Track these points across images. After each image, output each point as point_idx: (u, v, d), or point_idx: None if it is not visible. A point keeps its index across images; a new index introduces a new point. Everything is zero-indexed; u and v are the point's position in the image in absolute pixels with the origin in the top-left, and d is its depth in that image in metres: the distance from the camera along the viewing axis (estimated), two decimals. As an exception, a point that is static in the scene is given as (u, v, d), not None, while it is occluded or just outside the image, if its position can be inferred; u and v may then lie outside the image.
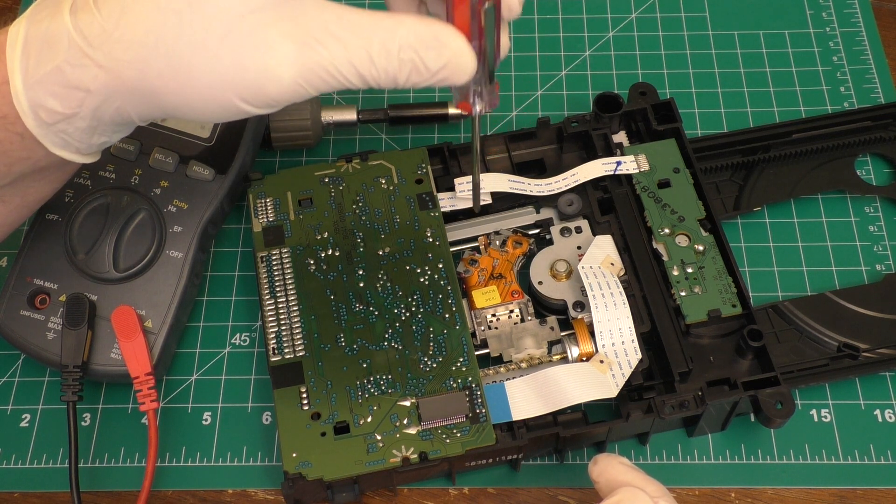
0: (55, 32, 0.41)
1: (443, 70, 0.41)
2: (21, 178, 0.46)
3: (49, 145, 0.43)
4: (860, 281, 0.59)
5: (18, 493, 0.53)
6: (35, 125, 0.42)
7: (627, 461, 0.45)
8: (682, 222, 0.55)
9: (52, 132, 0.43)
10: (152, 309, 0.53)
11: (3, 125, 0.42)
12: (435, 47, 0.40)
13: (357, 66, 0.40)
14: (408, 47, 0.40)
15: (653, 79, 0.66)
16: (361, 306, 0.53)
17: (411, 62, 0.41)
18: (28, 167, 0.45)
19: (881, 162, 0.63)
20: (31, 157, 0.44)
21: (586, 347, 0.52)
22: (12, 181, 0.46)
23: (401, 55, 0.40)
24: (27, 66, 0.41)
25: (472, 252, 0.57)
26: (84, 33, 0.40)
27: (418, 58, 0.40)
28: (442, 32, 0.41)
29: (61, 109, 0.42)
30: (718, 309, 0.52)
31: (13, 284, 0.53)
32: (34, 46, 0.41)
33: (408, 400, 0.50)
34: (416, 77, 0.41)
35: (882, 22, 0.70)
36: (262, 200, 0.57)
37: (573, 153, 0.60)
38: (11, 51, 0.42)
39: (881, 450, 0.53)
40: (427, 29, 0.40)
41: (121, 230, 0.54)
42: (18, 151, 0.43)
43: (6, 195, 0.47)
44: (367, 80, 0.41)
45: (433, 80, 0.41)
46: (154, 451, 0.50)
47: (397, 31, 0.40)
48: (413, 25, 0.40)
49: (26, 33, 0.42)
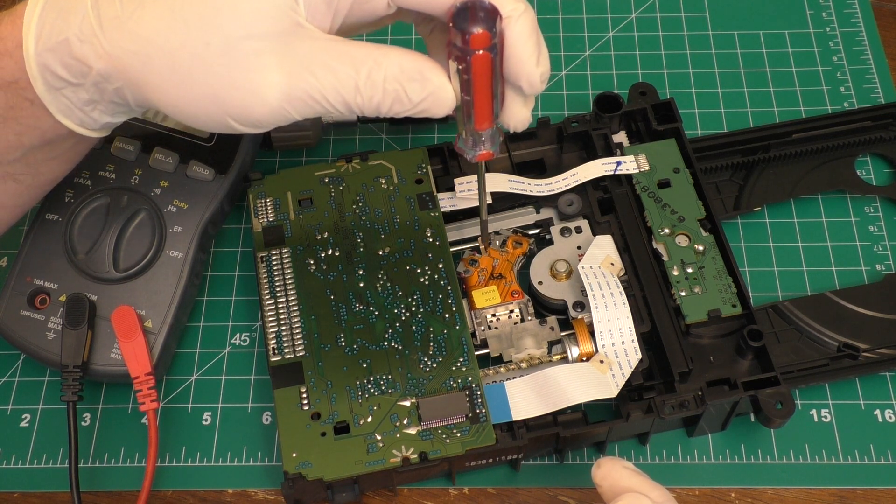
0: (74, 4, 0.43)
1: (424, 102, 0.43)
2: (31, 151, 0.47)
3: (55, 112, 0.45)
4: (860, 281, 0.59)
5: (18, 493, 0.53)
6: (43, 89, 0.44)
7: (631, 465, 0.45)
8: (682, 222, 0.55)
9: (58, 98, 0.44)
10: (152, 309, 0.53)
11: (14, 90, 0.44)
12: (418, 80, 0.43)
13: (343, 94, 0.42)
14: (393, 79, 0.42)
15: (653, 79, 0.66)
16: (361, 306, 0.53)
17: (395, 93, 0.43)
18: (37, 138, 0.46)
19: (881, 162, 0.63)
20: (39, 126, 0.45)
21: (586, 347, 0.52)
22: (23, 155, 0.47)
23: (386, 85, 0.42)
24: (41, 33, 0.43)
25: (472, 252, 0.57)
26: (100, 13, 0.42)
27: (402, 89, 0.43)
28: (426, 67, 0.43)
29: (67, 77, 0.43)
30: (718, 309, 0.52)
31: (13, 284, 0.53)
32: (51, 14, 0.43)
33: (408, 400, 0.50)
34: (398, 107, 0.43)
35: (882, 22, 0.70)
36: (262, 200, 0.57)
37: (573, 153, 0.60)
38: (29, 16, 0.43)
39: (881, 450, 0.53)
40: (412, 62, 0.43)
41: (121, 230, 0.54)
42: (28, 119, 0.45)
43: (19, 173, 0.48)
44: (351, 107, 0.43)
45: (414, 111, 0.44)
46: (154, 451, 0.50)
47: (384, 63, 0.42)
48: (399, 58, 0.42)
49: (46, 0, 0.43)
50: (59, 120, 0.45)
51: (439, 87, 0.43)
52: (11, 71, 0.43)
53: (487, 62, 0.42)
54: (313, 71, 0.42)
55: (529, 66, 0.43)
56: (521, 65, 0.43)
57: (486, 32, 0.41)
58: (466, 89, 0.43)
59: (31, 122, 0.45)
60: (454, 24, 0.41)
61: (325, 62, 0.42)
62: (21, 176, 0.48)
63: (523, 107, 0.46)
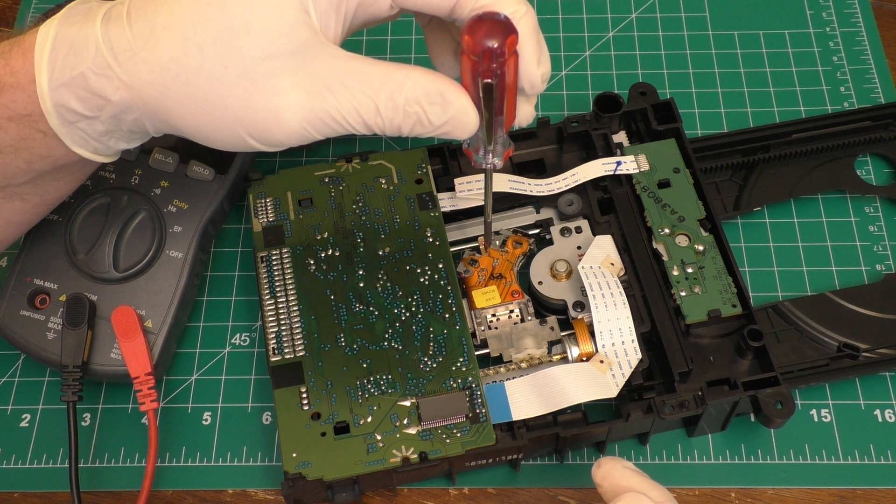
0: (84, 38, 0.42)
1: (445, 125, 0.43)
2: (41, 175, 0.46)
3: (70, 144, 0.44)
4: (860, 281, 0.59)
5: (18, 493, 0.53)
6: (58, 124, 0.43)
7: (631, 465, 0.45)
8: (682, 222, 0.55)
9: (73, 131, 0.44)
10: (152, 309, 0.53)
11: (27, 122, 0.43)
12: (440, 103, 0.42)
13: (363, 115, 0.42)
14: (414, 101, 0.42)
15: (653, 79, 0.66)
16: (361, 306, 0.53)
17: (416, 115, 0.42)
18: (48, 165, 0.45)
19: (881, 162, 0.63)
20: (51, 156, 0.45)
21: (586, 347, 0.52)
22: (32, 179, 0.46)
23: (406, 108, 0.42)
24: (54, 68, 0.42)
25: (472, 252, 0.57)
26: (112, 45, 0.42)
27: (423, 112, 0.42)
28: (447, 90, 0.42)
29: (83, 111, 0.43)
30: (718, 309, 0.52)
31: (13, 284, 0.53)
32: (62, 49, 0.42)
33: (408, 400, 0.50)
34: (419, 129, 0.43)
35: (882, 22, 0.70)
36: (262, 200, 0.57)
37: (573, 153, 0.60)
38: (40, 51, 0.42)
39: (881, 450, 0.53)
40: (434, 84, 0.42)
41: (121, 230, 0.54)
42: (40, 149, 0.44)
43: (26, 193, 0.48)
44: (371, 128, 0.43)
45: (436, 134, 0.43)
46: (154, 451, 0.50)
47: (405, 85, 0.42)
48: (420, 80, 0.42)
49: (56, 34, 0.42)
50: (72, 150, 0.45)
51: (461, 111, 0.42)
52: (24, 105, 0.43)
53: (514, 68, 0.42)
54: (333, 91, 0.41)
55: (531, 67, 0.44)
56: (522, 66, 0.43)
57: (513, 37, 0.40)
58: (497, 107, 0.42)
59: (44, 153, 0.45)
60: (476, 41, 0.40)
61: (345, 82, 0.41)
62: (28, 196, 0.48)
63: (527, 104, 0.46)
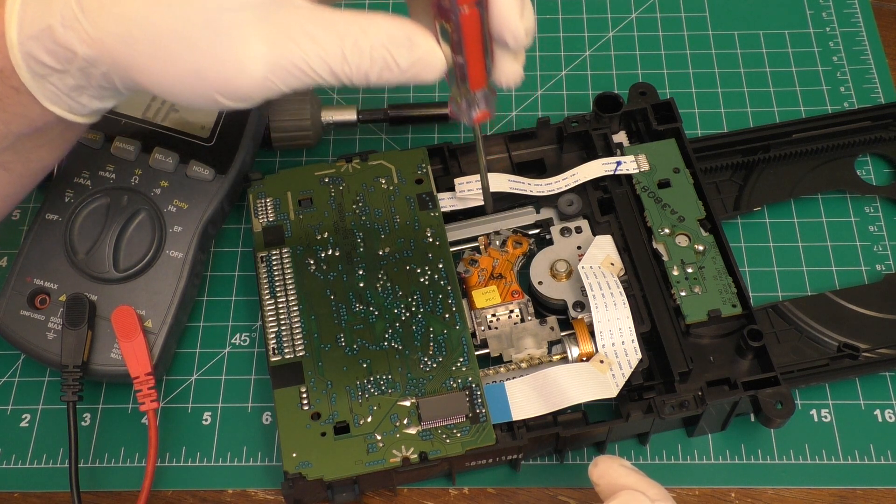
0: None
1: (413, 68, 0.43)
2: (21, 140, 0.46)
3: (42, 99, 0.44)
4: (860, 281, 0.59)
5: (18, 493, 0.53)
6: (29, 77, 0.43)
7: (628, 463, 0.45)
8: (682, 222, 0.55)
9: (43, 85, 0.44)
10: (152, 309, 0.53)
11: (0, 79, 0.43)
12: (406, 45, 0.42)
13: (330, 63, 0.42)
14: (380, 45, 0.42)
15: (653, 79, 0.66)
16: (361, 306, 0.53)
17: (383, 59, 0.42)
18: (25, 125, 0.45)
19: (881, 162, 0.63)
20: (27, 115, 0.45)
21: (586, 347, 0.52)
22: (12, 143, 0.46)
23: (372, 53, 0.42)
24: (23, 20, 0.42)
25: (472, 252, 0.57)
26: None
27: (390, 55, 0.42)
28: (413, 32, 0.42)
29: (52, 64, 0.43)
30: (718, 309, 0.52)
31: (13, 284, 0.53)
32: (32, 1, 0.42)
33: (408, 400, 0.50)
34: (387, 74, 0.43)
35: (882, 22, 0.70)
36: (262, 200, 0.57)
37: (573, 153, 0.60)
38: (11, 4, 0.43)
39: (881, 450, 0.53)
40: (399, 28, 0.42)
41: (121, 230, 0.54)
42: (15, 107, 0.44)
43: (9, 162, 0.48)
44: (339, 76, 0.42)
45: (403, 78, 0.43)
46: (154, 451, 0.50)
47: (369, 30, 0.42)
48: (385, 24, 0.42)
49: None
50: (46, 107, 0.45)
51: (428, 52, 0.42)
52: None
53: (476, 19, 0.41)
54: (297, 40, 0.41)
55: (514, 21, 0.43)
56: (505, 20, 0.43)
57: None
58: (458, 50, 0.42)
59: (19, 111, 0.45)
60: None
61: (310, 31, 0.41)
62: (11, 164, 0.48)
63: (514, 62, 0.45)
